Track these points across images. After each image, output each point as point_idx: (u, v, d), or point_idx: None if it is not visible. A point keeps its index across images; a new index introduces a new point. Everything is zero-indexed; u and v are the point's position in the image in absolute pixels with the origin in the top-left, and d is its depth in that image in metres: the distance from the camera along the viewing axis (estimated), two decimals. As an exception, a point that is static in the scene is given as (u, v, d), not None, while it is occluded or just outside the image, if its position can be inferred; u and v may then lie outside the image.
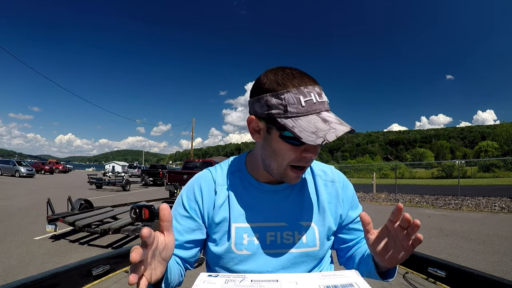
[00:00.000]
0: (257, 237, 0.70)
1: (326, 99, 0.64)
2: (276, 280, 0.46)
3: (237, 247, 0.70)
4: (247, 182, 0.76)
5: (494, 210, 9.54)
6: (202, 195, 0.75)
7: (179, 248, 0.73)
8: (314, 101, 0.61)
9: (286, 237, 0.71)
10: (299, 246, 0.71)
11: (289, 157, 0.65)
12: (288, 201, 0.74)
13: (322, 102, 0.62)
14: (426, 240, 5.67)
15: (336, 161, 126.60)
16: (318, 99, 0.62)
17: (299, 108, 0.60)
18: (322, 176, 0.80)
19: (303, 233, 0.71)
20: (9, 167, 24.68)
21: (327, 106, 0.63)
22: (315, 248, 0.71)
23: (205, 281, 0.47)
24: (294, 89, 0.61)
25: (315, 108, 0.61)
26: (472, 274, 0.98)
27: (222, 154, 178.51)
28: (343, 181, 0.81)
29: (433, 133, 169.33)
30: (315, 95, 0.62)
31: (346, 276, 0.46)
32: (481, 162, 25.86)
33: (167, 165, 29.25)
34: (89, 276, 1.01)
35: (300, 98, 0.60)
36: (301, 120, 0.60)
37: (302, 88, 0.61)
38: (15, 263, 3.91)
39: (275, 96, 0.62)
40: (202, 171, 0.81)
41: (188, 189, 0.78)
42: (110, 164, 71.84)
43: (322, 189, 0.77)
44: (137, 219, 2.95)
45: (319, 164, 0.83)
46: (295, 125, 0.59)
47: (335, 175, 0.81)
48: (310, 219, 0.73)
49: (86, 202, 6.32)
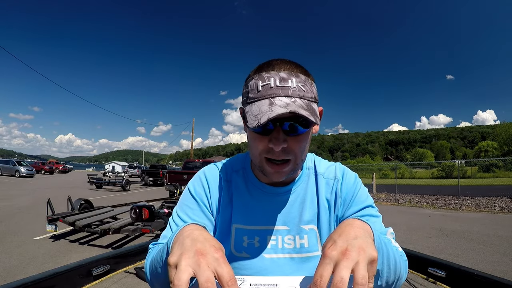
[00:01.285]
0: (257, 240, 0.69)
1: (294, 85, 0.58)
2: (275, 284, 0.46)
3: (237, 250, 0.69)
4: (250, 182, 0.74)
5: (494, 210, 9.54)
6: (209, 187, 0.73)
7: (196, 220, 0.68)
8: (272, 86, 0.58)
9: (287, 241, 0.69)
10: (300, 251, 0.69)
11: (257, 147, 0.62)
12: (291, 204, 0.71)
13: (283, 87, 0.58)
14: (426, 240, 5.67)
15: (336, 161, 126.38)
16: (278, 83, 0.58)
17: (256, 93, 0.59)
18: (325, 174, 0.75)
19: (305, 238, 0.69)
20: (9, 167, 24.68)
21: (290, 92, 0.57)
22: (317, 253, 0.69)
23: None
24: (256, 75, 0.61)
25: (271, 93, 0.58)
26: (472, 274, 0.98)
27: (222, 154, 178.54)
28: (343, 176, 0.74)
29: (433, 133, 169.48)
30: (275, 80, 0.58)
31: None
32: (481, 162, 25.88)
33: (167, 165, 29.25)
34: (89, 276, 1.01)
35: (259, 83, 0.59)
36: (254, 105, 0.58)
37: (263, 74, 0.60)
38: (15, 263, 3.90)
39: (245, 85, 0.64)
40: (208, 165, 0.79)
41: (195, 181, 0.75)
42: (110, 164, 71.83)
43: (324, 189, 0.74)
44: (137, 219, 2.95)
45: (324, 163, 0.79)
46: (249, 110, 0.59)
47: (337, 171, 0.76)
48: (312, 222, 0.71)
49: (86, 202, 6.32)
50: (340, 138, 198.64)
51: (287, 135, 0.60)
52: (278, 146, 0.59)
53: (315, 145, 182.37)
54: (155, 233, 5.05)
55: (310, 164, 0.78)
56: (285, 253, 0.69)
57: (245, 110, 0.61)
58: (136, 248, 1.36)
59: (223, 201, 0.72)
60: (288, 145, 0.60)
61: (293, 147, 0.61)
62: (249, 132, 0.65)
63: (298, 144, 0.61)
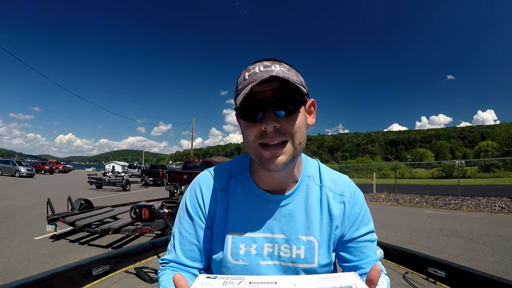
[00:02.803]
0: (254, 248, 0.68)
1: (278, 68, 0.61)
2: (274, 282, 0.46)
3: (233, 257, 0.68)
4: (248, 188, 0.73)
5: (494, 210, 9.54)
6: (203, 200, 0.74)
7: (190, 259, 0.73)
8: (257, 71, 0.61)
9: (284, 250, 0.68)
10: (296, 261, 0.68)
11: (251, 133, 0.63)
12: (290, 212, 0.70)
13: (267, 71, 0.60)
14: (426, 240, 5.67)
15: (336, 161, 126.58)
16: (262, 69, 0.61)
17: (243, 83, 0.62)
18: (331, 187, 0.73)
19: (302, 248, 0.68)
20: (9, 167, 24.68)
21: (275, 73, 0.59)
22: (313, 265, 0.68)
23: (203, 283, 0.47)
24: (244, 70, 0.65)
25: (256, 77, 0.60)
26: (472, 274, 0.98)
27: (222, 154, 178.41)
28: (353, 195, 0.74)
29: (433, 133, 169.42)
30: (259, 67, 0.62)
31: (345, 278, 0.46)
32: (481, 162, 25.85)
33: (167, 165, 29.26)
34: (89, 276, 1.02)
35: (246, 74, 0.63)
36: (242, 91, 0.60)
37: (249, 66, 0.64)
38: (15, 263, 3.91)
39: (235, 85, 0.67)
40: (203, 172, 0.79)
41: (190, 193, 0.76)
42: (110, 164, 71.88)
43: (329, 202, 0.72)
44: (137, 219, 2.94)
45: (331, 173, 0.77)
46: (238, 97, 0.60)
47: (346, 187, 0.74)
48: (311, 234, 0.69)
49: (86, 202, 6.32)
50: (340, 138, 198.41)
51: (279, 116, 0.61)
52: (270, 125, 0.59)
53: (315, 145, 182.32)
54: (155, 233, 5.05)
55: (313, 173, 0.76)
56: (281, 261, 0.68)
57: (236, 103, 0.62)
58: (136, 248, 1.36)
59: (219, 211, 0.72)
60: (281, 126, 0.61)
61: (287, 127, 0.61)
62: (242, 124, 0.66)
63: (291, 123, 0.61)
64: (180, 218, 0.76)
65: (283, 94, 0.60)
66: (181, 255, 0.72)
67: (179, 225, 0.75)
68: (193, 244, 0.73)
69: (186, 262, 0.72)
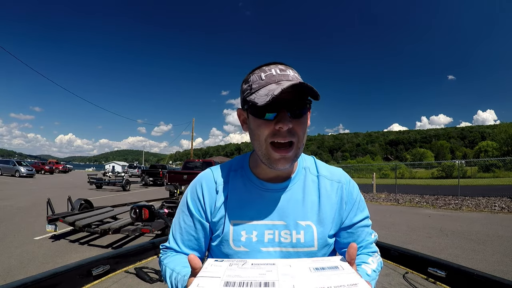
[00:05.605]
0: (255, 234, 0.72)
1: (292, 73, 0.68)
2: (273, 264, 0.54)
3: (235, 244, 0.72)
4: (248, 180, 0.77)
5: (494, 210, 9.54)
6: (203, 195, 0.77)
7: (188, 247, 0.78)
8: (274, 74, 0.66)
9: (284, 236, 0.72)
10: (296, 245, 0.71)
11: (263, 132, 0.66)
12: (288, 200, 0.74)
13: (284, 74, 0.66)
14: (426, 240, 5.67)
15: (336, 161, 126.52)
16: (278, 72, 0.67)
17: (260, 82, 0.66)
18: (328, 176, 0.79)
19: (301, 233, 0.72)
20: (9, 167, 24.66)
21: (291, 78, 0.66)
22: (312, 248, 0.72)
23: (212, 265, 0.55)
24: (258, 70, 0.70)
25: (275, 79, 0.65)
26: (472, 274, 0.98)
27: (222, 154, 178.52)
28: (348, 182, 0.79)
29: (433, 133, 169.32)
30: (276, 70, 0.67)
31: (332, 261, 0.56)
32: (481, 162, 25.84)
33: (167, 165, 29.23)
34: (89, 276, 1.02)
35: (261, 74, 0.67)
36: (261, 90, 0.65)
37: (264, 67, 0.69)
38: (15, 263, 3.90)
39: (245, 82, 0.71)
40: (204, 170, 0.83)
41: (191, 190, 0.80)
42: (110, 164, 71.84)
43: (326, 189, 0.77)
44: (137, 219, 2.95)
45: (326, 166, 0.83)
46: (256, 95, 0.64)
47: (342, 176, 0.80)
48: (310, 219, 0.73)
49: (86, 202, 6.32)
50: (340, 138, 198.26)
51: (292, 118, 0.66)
52: (286, 125, 0.64)
53: (315, 145, 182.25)
54: (155, 233, 5.05)
55: (308, 165, 0.81)
56: (282, 246, 0.72)
57: (249, 99, 0.65)
58: (136, 248, 1.36)
59: (218, 202, 0.76)
60: (292, 127, 0.66)
61: (297, 129, 0.67)
62: (253, 121, 0.69)
63: (301, 126, 0.67)
64: (181, 212, 0.80)
65: (298, 97, 0.65)
66: (181, 244, 0.78)
67: (179, 217, 0.80)
68: (191, 235, 0.77)
69: (185, 250, 0.78)
